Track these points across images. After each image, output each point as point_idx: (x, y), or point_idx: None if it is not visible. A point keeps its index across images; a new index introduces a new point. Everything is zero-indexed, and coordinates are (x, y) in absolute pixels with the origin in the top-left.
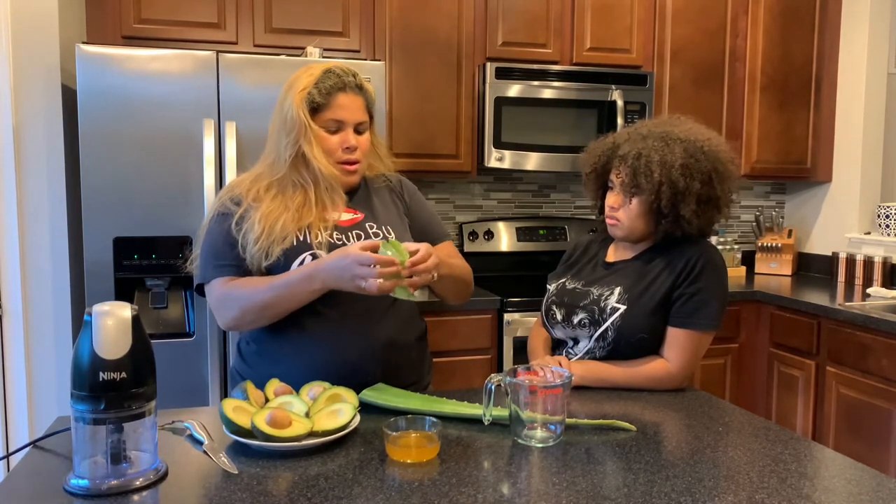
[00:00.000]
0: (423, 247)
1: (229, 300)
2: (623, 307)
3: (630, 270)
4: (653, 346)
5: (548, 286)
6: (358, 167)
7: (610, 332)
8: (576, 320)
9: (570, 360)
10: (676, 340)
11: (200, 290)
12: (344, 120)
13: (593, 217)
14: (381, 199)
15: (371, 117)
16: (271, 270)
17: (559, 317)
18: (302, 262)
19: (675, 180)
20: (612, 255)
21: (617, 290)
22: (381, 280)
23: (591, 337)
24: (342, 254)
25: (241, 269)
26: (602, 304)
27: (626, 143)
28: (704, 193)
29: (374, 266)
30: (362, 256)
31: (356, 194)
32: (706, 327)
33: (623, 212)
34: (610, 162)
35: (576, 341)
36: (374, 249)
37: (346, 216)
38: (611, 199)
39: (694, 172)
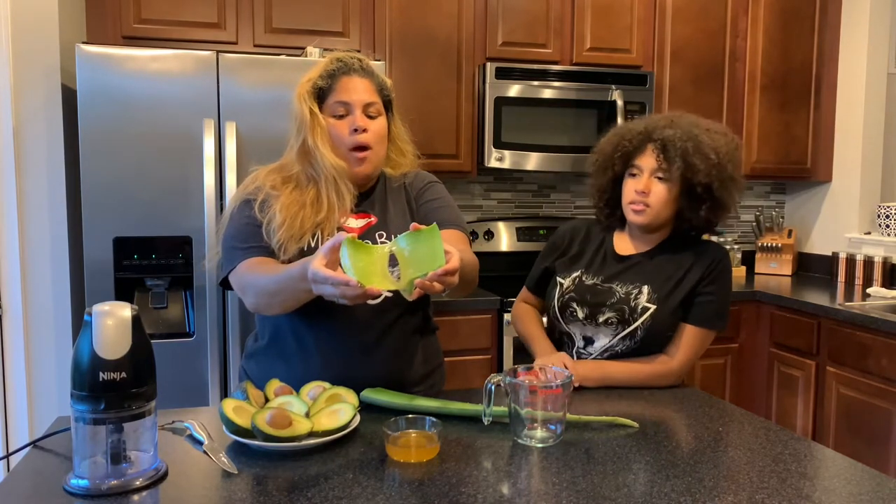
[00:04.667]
0: (454, 259)
1: (248, 286)
2: (653, 307)
3: (651, 266)
4: (671, 342)
5: (560, 279)
6: (369, 154)
7: (639, 332)
8: (601, 319)
9: (587, 359)
10: (689, 337)
11: (227, 283)
12: (349, 101)
13: (593, 216)
14: (397, 202)
15: (388, 105)
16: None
17: (581, 314)
18: None
19: (724, 165)
20: (626, 246)
21: (646, 290)
22: (346, 299)
23: (616, 335)
24: (308, 261)
25: (266, 249)
26: (632, 304)
27: (661, 130)
28: (737, 184)
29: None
30: (316, 273)
31: (372, 194)
32: (722, 327)
33: (655, 196)
34: (641, 146)
35: (589, 341)
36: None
37: (360, 221)
38: (639, 184)
39: (735, 162)
